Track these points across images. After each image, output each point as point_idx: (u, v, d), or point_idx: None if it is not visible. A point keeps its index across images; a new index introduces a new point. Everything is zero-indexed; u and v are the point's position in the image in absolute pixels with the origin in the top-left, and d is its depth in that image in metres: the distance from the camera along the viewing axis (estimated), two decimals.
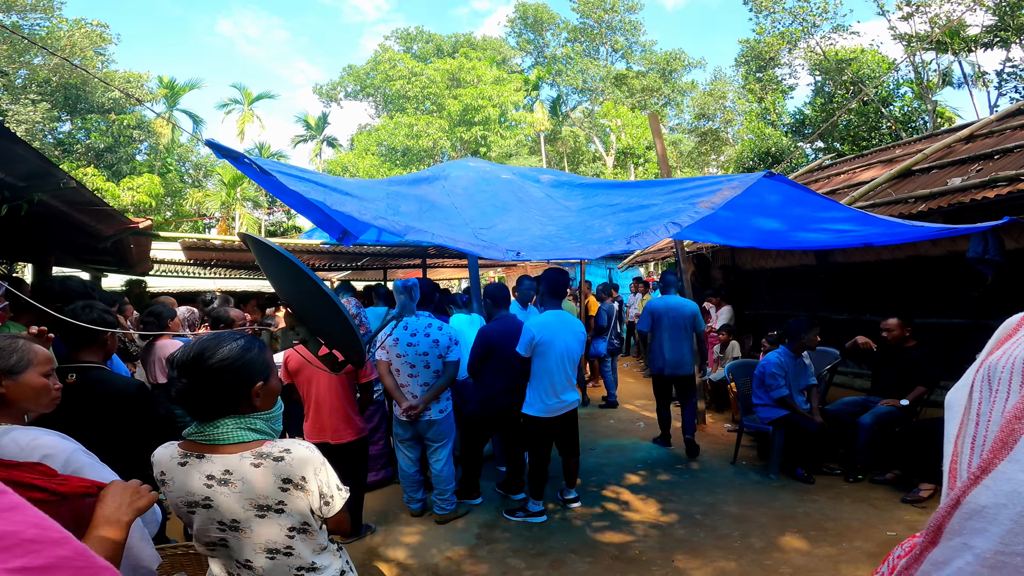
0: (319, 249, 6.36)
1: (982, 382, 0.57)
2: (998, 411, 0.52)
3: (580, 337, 3.97)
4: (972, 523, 0.49)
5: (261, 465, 1.37)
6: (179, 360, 1.37)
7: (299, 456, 1.40)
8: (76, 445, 1.55)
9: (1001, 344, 0.60)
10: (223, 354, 1.38)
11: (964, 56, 16.89)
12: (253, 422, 1.41)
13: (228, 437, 1.37)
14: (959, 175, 4.79)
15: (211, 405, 1.38)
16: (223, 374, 1.37)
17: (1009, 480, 0.46)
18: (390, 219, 2.46)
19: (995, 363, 0.56)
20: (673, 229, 2.37)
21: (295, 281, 2.14)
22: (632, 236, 2.42)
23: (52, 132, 21.33)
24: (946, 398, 0.63)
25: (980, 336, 3.02)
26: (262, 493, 1.36)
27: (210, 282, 11.34)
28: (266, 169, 2.29)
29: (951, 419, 0.60)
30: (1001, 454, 0.48)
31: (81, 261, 6.53)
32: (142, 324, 3.56)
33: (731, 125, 26.73)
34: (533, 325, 3.82)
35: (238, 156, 2.31)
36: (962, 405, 0.59)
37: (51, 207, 3.20)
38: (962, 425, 0.58)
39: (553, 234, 2.90)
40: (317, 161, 33.31)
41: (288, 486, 1.38)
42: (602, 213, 3.22)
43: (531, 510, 3.93)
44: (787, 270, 6.94)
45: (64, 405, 2.26)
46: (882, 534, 3.49)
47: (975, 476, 0.49)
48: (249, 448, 1.38)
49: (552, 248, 2.72)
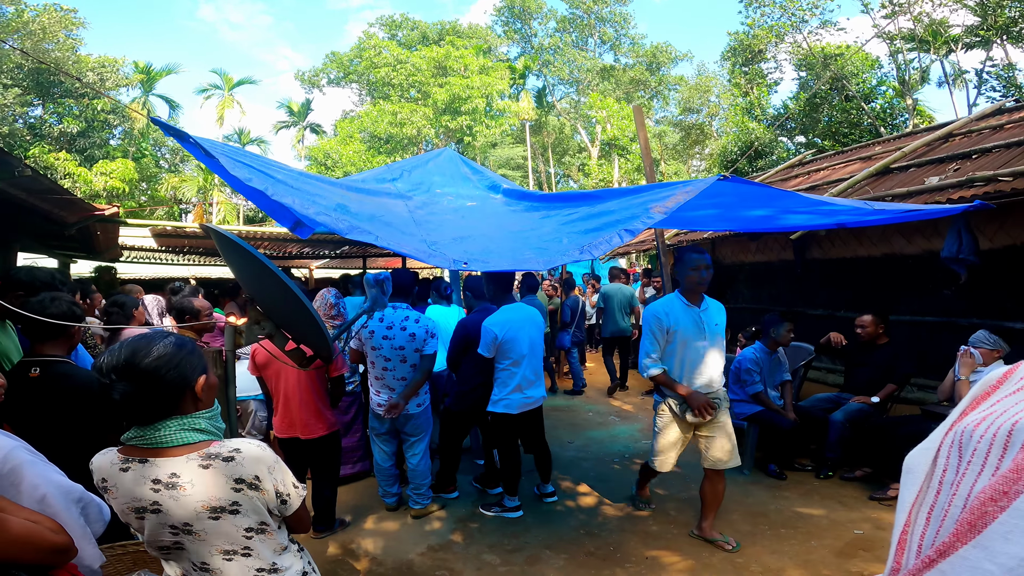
0: (292, 237, 6.23)
1: (951, 448, 0.50)
2: (967, 485, 0.45)
3: (542, 328, 3.90)
4: None
5: (210, 467, 1.31)
6: (110, 365, 1.27)
7: (250, 455, 1.35)
8: (18, 442, 1.49)
9: (978, 403, 0.52)
10: (159, 351, 1.31)
11: (945, 56, 17.10)
12: (196, 422, 1.35)
13: (171, 439, 1.31)
14: (936, 174, 4.83)
15: (153, 407, 1.31)
16: (166, 372, 1.30)
17: (971, 568, 0.39)
18: (334, 216, 2.37)
19: (971, 429, 0.48)
20: (627, 237, 2.33)
21: (260, 275, 2.07)
22: (584, 245, 2.38)
23: (23, 117, 20.68)
24: (905, 461, 0.56)
25: (951, 335, 3.05)
26: (214, 495, 1.31)
27: (184, 269, 11.09)
28: (209, 151, 2.20)
29: (908, 484, 0.53)
30: (966, 537, 0.40)
31: (47, 247, 6.33)
32: (106, 315, 3.46)
33: (715, 119, 26.84)
34: (495, 324, 3.66)
35: (184, 135, 2.24)
36: (923, 470, 0.52)
37: (8, 194, 3.08)
38: (920, 492, 0.51)
39: (507, 247, 2.84)
40: (300, 147, 32.77)
41: (241, 486, 1.33)
42: (559, 222, 3.15)
43: (507, 505, 3.90)
44: (765, 265, 6.99)
45: (28, 399, 2.19)
46: (850, 532, 3.53)
47: (930, 559, 0.42)
48: (196, 450, 1.32)
49: (502, 258, 2.64)
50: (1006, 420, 0.45)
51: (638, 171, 23.30)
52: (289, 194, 2.31)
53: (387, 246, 2.35)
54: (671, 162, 28.72)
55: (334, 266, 12.40)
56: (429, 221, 3.18)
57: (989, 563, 0.39)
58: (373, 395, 3.76)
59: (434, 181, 4.07)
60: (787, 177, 8.07)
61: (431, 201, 3.73)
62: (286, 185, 2.48)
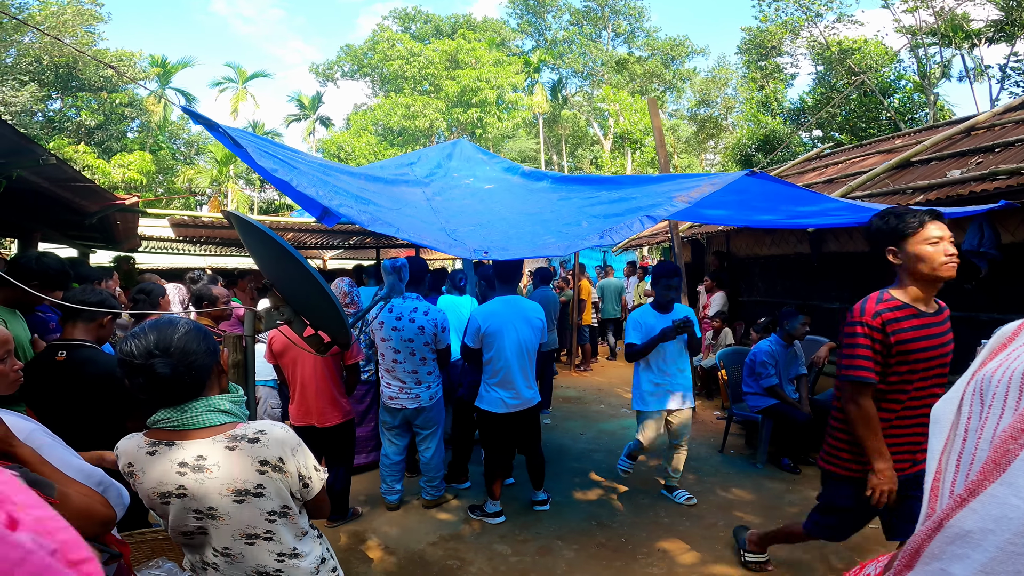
0: (309, 227, 6.27)
1: (973, 396, 0.52)
2: (990, 428, 0.48)
3: (535, 324, 3.62)
4: (953, 548, 0.45)
5: (236, 448, 1.33)
6: (146, 345, 1.28)
7: (275, 437, 1.36)
8: (36, 425, 1.51)
9: (995, 354, 0.55)
10: (184, 329, 1.34)
11: (967, 50, 16.73)
12: (221, 403, 1.37)
13: (199, 421, 1.33)
14: (958, 167, 4.75)
15: (187, 386, 1.33)
16: (196, 348, 1.33)
17: (999, 504, 0.42)
18: (357, 208, 2.39)
19: (989, 376, 0.51)
20: (648, 223, 2.31)
21: (280, 260, 2.09)
22: (606, 230, 2.35)
23: (42, 111, 20.96)
24: (932, 410, 0.58)
25: (971, 329, 2.98)
26: (239, 477, 1.32)
27: (200, 259, 11.21)
28: (237, 140, 2.23)
29: (936, 433, 0.55)
30: (992, 476, 0.43)
31: (68, 237, 6.43)
32: (132, 302, 3.50)
33: (730, 112, 26.53)
34: (479, 314, 3.54)
35: (213, 124, 2.26)
36: (949, 419, 0.54)
37: (32, 184, 3.13)
38: (948, 441, 0.53)
39: (526, 232, 2.82)
40: (310, 140, 32.92)
41: (266, 468, 1.34)
42: (578, 204, 3.11)
43: (488, 510, 3.70)
44: (780, 258, 6.91)
45: (53, 382, 2.24)
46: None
47: (961, 498, 0.45)
48: (221, 431, 1.34)
49: (523, 246, 2.61)
50: (1020, 364, 0.48)
51: (651, 164, 23.10)
52: (312, 184, 2.33)
53: (408, 238, 2.35)
54: (684, 155, 28.47)
55: (348, 256, 12.47)
56: (447, 208, 3.18)
57: (1015, 498, 0.41)
58: (384, 388, 3.70)
59: (451, 166, 4.05)
60: (804, 170, 7.97)
61: (449, 186, 3.70)
62: (310, 175, 2.50)
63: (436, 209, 3.08)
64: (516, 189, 3.77)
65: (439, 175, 3.90)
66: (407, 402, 3.65)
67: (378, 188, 3.26)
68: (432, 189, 3.54)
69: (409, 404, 3.64)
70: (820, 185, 6.37)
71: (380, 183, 3.42)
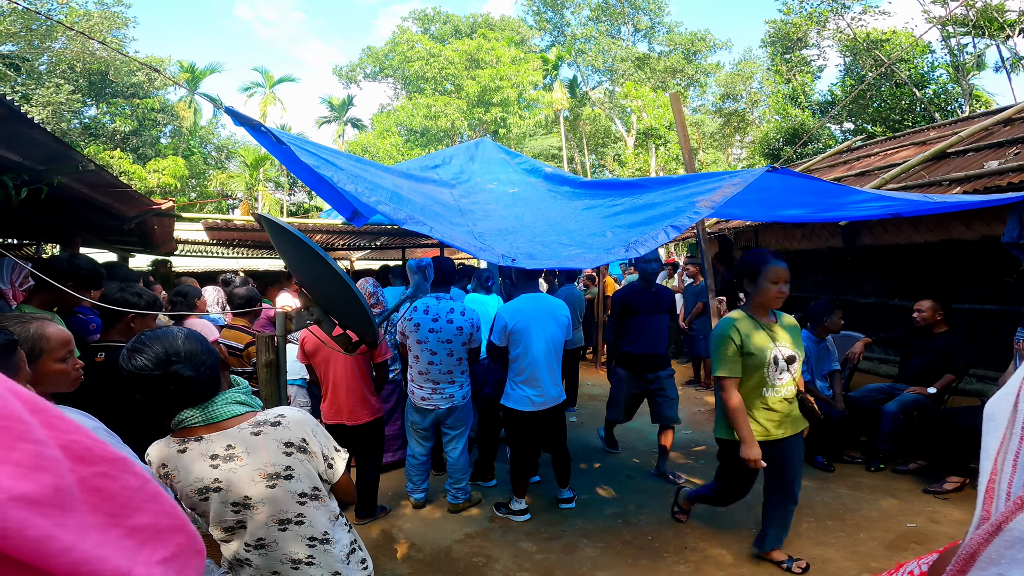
0: (337, 228, 6.36)
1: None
2: None
3: (561, 322, 3.63)
4: (1013, 552, 0.44)
5: (261, 432, 1.40)
6: (162, 353, 1.33)
7: (294, 418, 1.45)
8: (98, 423, 1.57)
9: None
10: (185, 335, 1.40)
11: (1002, 40, 16.10)
12: (237, 395, 1.45)
13: (224, 412, 1.40)
14: (996, 158, 4.59)
15: (207, 384, 1.40)
16: (203, 350, 1.40)
17: None
18: (392, 206, 2.44)
19: None
20: (673, 233, 2.28)
21: (309, 261, 2.14)
22: (631, 242, 2.34)
23: (78, 117, 21.61)
24: (986, 408, 0.56)
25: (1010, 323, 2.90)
26: (268, 461, 1.39)
27: (234, 262, 11.47)
28: (281, 139, 2.31)
29: (991, 431, 0.53)
30: None
31: (107, 242, 6.63)
32: (170, 304, 3.60)
33: (756, 106, 26.03)
34: (505, 311, 3.55)
35: (256, 124, 2.33)
36: (1005, 417, 0.52)
37: (72, 189, 3.23)
38: (1004, 440, 0.51)
39: (552, 241, 2.82)
40: (340, 142, 33.40)
41: (291, 450, 1.41)
42: (602, 214, 3.09)
43: (514, 508, 3.71)
44: (812, 252, 6.77)
45: (92, 384, 2.32)
46: (901, 525, 3.41)
47: (1022, 500, 0.44)
48: (244, 420, 1.42)
49: (549, 256, 2.62)
50: None
51: (676, 160, 22.81)
52: (352, 181, 2.40)
53: (440, 238, 2.39)
54: (709, 150, 28.05)
55: (374, 257, 12.61)
56: (473, 210, 3.21)
57: None
58: (416, 389, 3.67)
59: (474, 170, 4.08)
60: (835, 163, 7.79)
61: (473, 189, 3.74)
62: (348, 173, 2.56)
63: (463, 210, 3.12)
64: (540, 194, 3.78)
65: (462, 179, 3.94)
66: (440, 402, 3.64)
67: (411, 185, 3.31)
68: (458, 191, 3.58)
69: (443, 404, 3.64)
70: (852, 178, 6.22)
71: (412, 180, 3.47)
